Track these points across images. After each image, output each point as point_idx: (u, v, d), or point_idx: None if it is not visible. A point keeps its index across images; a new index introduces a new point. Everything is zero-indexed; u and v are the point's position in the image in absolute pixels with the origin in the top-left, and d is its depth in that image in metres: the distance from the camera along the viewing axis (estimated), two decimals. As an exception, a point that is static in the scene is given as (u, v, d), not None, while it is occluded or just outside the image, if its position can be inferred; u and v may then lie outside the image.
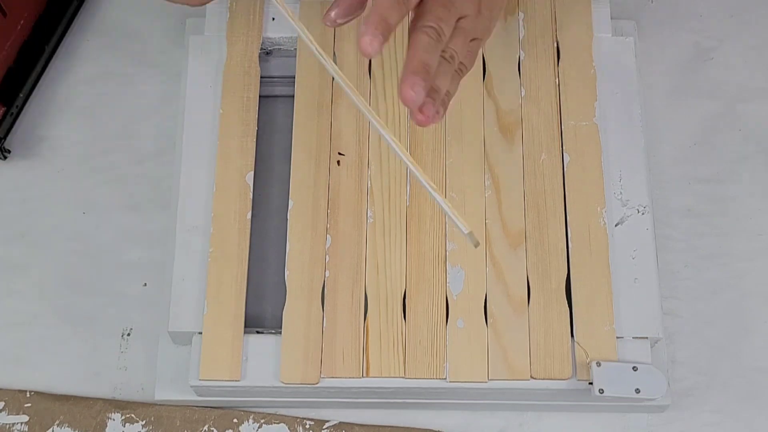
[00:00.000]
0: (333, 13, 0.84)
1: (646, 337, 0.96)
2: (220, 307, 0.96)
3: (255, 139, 1.03)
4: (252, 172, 1.01)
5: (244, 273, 0.98)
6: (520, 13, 1.07)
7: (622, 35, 1.08)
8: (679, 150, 1.11)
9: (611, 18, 1.08)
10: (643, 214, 1.00)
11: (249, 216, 1.00)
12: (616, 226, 1.00)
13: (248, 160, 1.02)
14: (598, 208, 0.99)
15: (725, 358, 1.03)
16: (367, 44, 0.76)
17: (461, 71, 0.85)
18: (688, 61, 1.15)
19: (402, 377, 0.95)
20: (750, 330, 1.04)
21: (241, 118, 1.03)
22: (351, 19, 0.85)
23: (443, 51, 0.82)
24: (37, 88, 1.14)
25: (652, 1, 1.17)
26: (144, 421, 1.00)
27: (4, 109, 1.09)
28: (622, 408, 1.00)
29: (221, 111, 1.04)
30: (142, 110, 1.14)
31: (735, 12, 1.17)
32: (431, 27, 0.80)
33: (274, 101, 1.09)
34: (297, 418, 1.00)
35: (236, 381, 0.95)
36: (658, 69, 1.14)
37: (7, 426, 1.00)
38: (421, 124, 0.81)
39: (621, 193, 1.01)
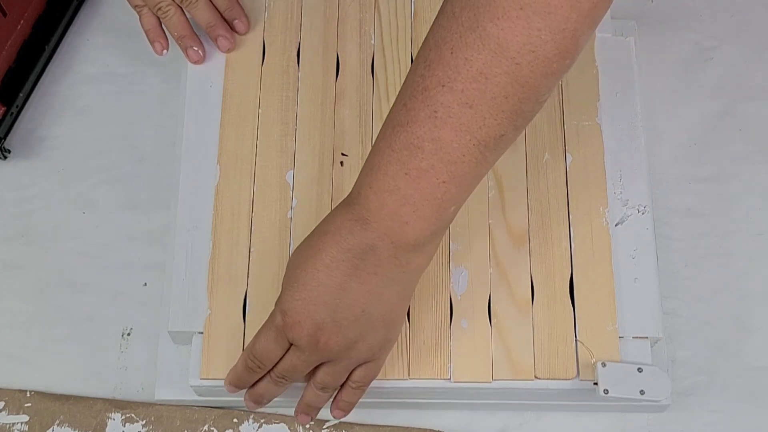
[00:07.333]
0: None
1: (647, 337, 0.96)
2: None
3: (294, 138, 1.03)
4: (292, 171, 1.01)
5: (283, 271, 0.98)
6: (522, 13, 1.07)
7: (622, 35, 1.09)
8: (679, 150, 1.11)
9: (611, 18, 1.08)
10: (643, 214, 1.01)
11: (290, 215, 1.00)
12: (616, 225, 1.00)
13: (288, 159, 1.02)
14: (601, 208, 0.99)
15: (725, 358, 1.04)
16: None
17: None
18: (688, 61, 1.15)
19: (406, 378, 0.95)
20: (750, 330, 1.05)
21: (281, 117, 1.03)
22: None
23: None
24: (37, 88, 1.14)
25: (652, 1, 1.18)
26: (144, 421, 1.00)
27: (4, 109, 1.09)
28: (621, 408, 1.00)
29: (260, 110, 1.04)
30: (142, 110, 1.14)
31: (735, 12, 1.17)
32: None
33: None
34: (297, 417, 1.00)
35: (236, 380, 0.95)
36: (658, 69, 1.14)
37: (7, 426, 1.00)
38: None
39: (621, 192, 1.01)
